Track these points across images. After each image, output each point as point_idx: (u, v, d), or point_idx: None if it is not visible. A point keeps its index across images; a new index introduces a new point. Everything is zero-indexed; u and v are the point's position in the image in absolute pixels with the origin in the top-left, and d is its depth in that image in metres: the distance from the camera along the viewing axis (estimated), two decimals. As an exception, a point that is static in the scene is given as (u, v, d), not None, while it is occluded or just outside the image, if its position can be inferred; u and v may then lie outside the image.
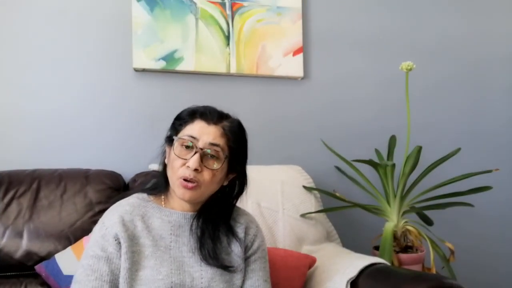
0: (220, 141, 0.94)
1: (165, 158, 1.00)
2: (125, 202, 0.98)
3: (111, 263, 0.89)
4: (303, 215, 1.47)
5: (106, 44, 1.62)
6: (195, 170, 0.90)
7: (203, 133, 0.94)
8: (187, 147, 0.93)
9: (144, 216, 0.96)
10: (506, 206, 2.03)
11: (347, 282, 1.09)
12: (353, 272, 1.11)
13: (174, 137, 0.95)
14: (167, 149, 0.99)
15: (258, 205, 1.42)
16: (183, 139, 0.93)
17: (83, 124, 1.59)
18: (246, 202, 1.39)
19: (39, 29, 1.57)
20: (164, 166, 1.00)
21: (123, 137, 1.63)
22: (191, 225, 0.96)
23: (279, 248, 1.32)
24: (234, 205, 1.04)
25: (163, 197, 1.01)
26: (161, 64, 1.63)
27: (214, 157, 0.93)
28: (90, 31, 1.61)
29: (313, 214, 1.49)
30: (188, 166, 0.91)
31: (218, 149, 0.93)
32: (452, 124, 2.00)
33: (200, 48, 1.67)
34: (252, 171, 1.52)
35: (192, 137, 0.93)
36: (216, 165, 0.93)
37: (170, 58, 1.64)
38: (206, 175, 0.92)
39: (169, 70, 1.65)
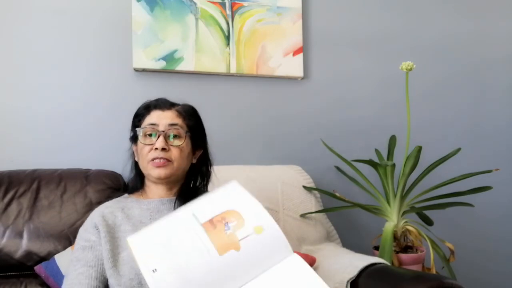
0: (178, 121, 1.05)
1: (134, 158, 1.10)
2: (106, 202, 1.07)
3: (95, 250, 0.96)
4: (303, 215, 1.47)
5: (106, 44, 1.62)
6: (163, 149, 0.99)
7: (161, 118, 1.04)
8: (150, 135, 1.03)
9: (124, 208, 1.03)
10: (506, 206, 2.03)
11: (347, 282, 1.09)
12: (353, 272, 1.11)
13: (137, 129, 1.04)
14: (134, 147, 1.09)
15: (258, 205, 1.42)
16: (145, 128, 1.03)
17: (83, 124, 1.59)
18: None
19: (38, 30, 1.57)
20: (135, 165, 1.10)
21: (123, 137, 1.61)
22: (174, 206, 1.02)
23: (279, 248, 1.32)
24: (207, 185, 1.13)
25: (141, 192, 1.09)
26: (161, 64, 1.63)
27: (177, 136, 1.03)
28: (90, 31, 1.61)
29: (313, 214, 1.49)
30: (156, 148, 1.00)
31: (177, 127, 1.03)
32: (452, 124, 2.00)
33: (200, 48, 1.67)
34: (252, 171, 1.54)
35: (152, 124, 1.03)
36: (180, 142, 1.03)
37: (170, 58, 1.64)
38: (174, 152, 1.01)
39: (169, 70, 1.65)
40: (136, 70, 1.64)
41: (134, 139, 1.08)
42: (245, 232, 0.76)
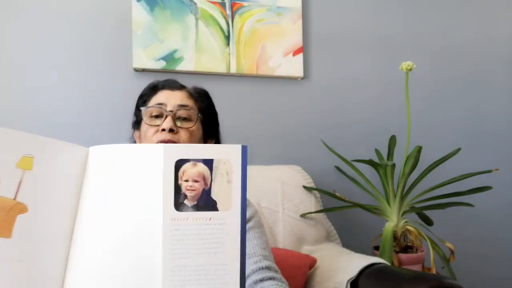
0: (189, 102, 0.92)
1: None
2: None
3: None
4: (303, 215, 1.47)
5: (106, 44, 1.62)
6: (171, 131, 0.86)
7: (170, 97, 0.91)
8: (157, 116, 0.89)
9: None
10: (506, 206, 2.03)
11: (347, 282, 1.09)
12: (353, 272, 1.11)
13: (142, 108, 0.91)
14: (136, 134, 0.96)
15: (258, 205, 1.42)
16: (151, 108, 0.90)
17: (83, 124, 1.59)
18: (246, 202, 1.39)
19: (38, 30, 1.57)
20: None
21: (123, 137, 1.62)
22: None
23: (279, 248, 1.32)
24: None
25: None
26: (161, 64, 1.63)
27: (187, 119, 0.90)
28: (90, 31, 1.61)
29: (313, 214, 1.49)
30: (163, 129, 0.86)
31: (188, 108, 0.90)
32: (452, 124, 2.00)
33: (200, 48, 1.67)
34: (252, 171, 1.53)
35: (159, 103, 0.90)
36: (190, 124, 0.90)
37: (170, 58, 1.64)
38: (183, 135, 0.88)
39: (169, 70, 1.65)
40: (136, 70, 1.64)
41: (137, 123, 0.95)
42: (12, 182, 0.50)
